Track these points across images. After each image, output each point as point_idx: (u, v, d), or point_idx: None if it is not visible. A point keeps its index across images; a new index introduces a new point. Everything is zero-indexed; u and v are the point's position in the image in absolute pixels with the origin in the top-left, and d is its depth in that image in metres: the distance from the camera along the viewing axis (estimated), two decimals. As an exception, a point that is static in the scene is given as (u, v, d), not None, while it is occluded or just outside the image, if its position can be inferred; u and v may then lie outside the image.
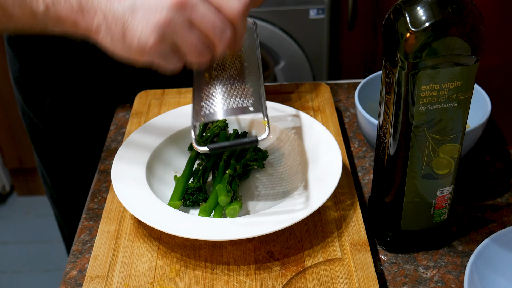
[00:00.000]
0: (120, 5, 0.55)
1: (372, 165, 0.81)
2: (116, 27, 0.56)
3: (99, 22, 0.56)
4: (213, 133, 0.78)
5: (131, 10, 0.55)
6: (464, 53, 0.54)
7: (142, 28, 0.55)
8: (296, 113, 0.80)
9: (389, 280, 0.65)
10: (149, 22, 0.55)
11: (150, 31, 0.55)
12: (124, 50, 0.57)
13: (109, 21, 0.56)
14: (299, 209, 0.64)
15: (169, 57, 0.58)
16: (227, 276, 0.62)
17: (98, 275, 0.63)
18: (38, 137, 1.03)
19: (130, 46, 0.56)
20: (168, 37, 0.56)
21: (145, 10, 0.55)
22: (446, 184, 0.62)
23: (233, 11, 0.57)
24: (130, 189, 0.68)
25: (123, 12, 0.55)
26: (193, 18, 0.56)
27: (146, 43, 0.55)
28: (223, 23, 0.57)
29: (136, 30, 0.55)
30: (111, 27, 0.56)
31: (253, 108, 0.61)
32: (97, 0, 0.56)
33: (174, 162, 0.77)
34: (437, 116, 0.57)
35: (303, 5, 1.77)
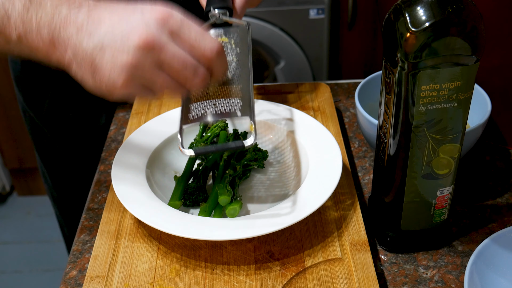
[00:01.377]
0: (89, 43, 0.54)
1: (372, 165, 0.81)
2: (85, 66, 0.55)
3: (70, 59, 0.55)
4: (214, 133, 0.78)
5: (99, 48, 0.54)
6: (464, 53, 0.54)
7: (109, 70, 0.54)
8: (296, 113, 0.80)
9: (389, 280, 0.65)
10: (116, 64, 0.53)
11: (117, 74, 0.53)
12: (94, 88, 0.56)
13: (79, 58, 0.55)
14: (299, 209, 0.64)
15: (141, 94, 0.57)
16: (227, 276, 0.62)
17: (98, 275, 0.63)
18: (38, 136, 1.03)
19: (100, 85, 0.55)
20: (136, 78, 0.54)
21: (112, 51, 0.53)
22: (446, 184, 0.62)
23: (205, 54, 0.55)
24: (130, 189, 0.68)
25: (91, 51, 0.54)
26: (161, 60, 0.54)
27: (114, 85, 0.54)
28: (193, 64, 0.55)
29: (104, 72, 0.54)
30: (81, 64, 0.55)
31: (240, 112, 0.61)
32: (67, 36, 0.54)
33: (174, 162, 0.77)
34: (437, 116, 0.57)
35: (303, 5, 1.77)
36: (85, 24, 0.54)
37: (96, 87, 0.56)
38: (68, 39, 0.54)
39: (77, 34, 0.54)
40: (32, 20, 0.55)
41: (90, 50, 0.54)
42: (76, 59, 0.55)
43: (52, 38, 0.55)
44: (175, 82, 0.56)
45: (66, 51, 0.55)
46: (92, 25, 0.54)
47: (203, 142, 0.77)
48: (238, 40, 0.68)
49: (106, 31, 0.54)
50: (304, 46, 1.85)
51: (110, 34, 0.53)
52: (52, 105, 0.97)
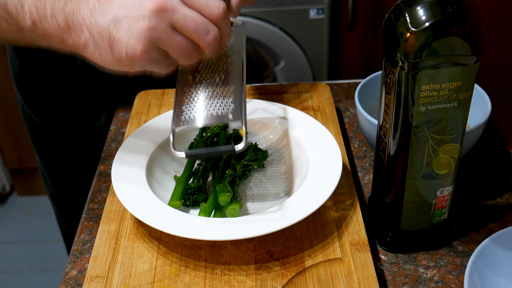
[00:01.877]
0: (104, 19, 0.56)
1: (372, 165, 0.81)
2: (102, 41, 0.56)
3: (86, 39, 0.57)
4: (213, 133, 0.78)
5: (115, 22, 0.56)
6: (464, 53, 0.54)
7: (127, 39, 0.55)
8: (296, 113, 0.80)
9: (389, 280, 0.65)
10: (134, 32, 0.55)
11: (136, 41, 0.55)
12: (114, 63, 0.57)
13: (95, 36, 0.56)
14: (299, 209, 0.64)
15: (160, 63, 0.58)
16: (227, 276, 0.62)
17: (98, 275, 0.63)
18: (38, 136, 1.03)
19: (119, 58, 0.57)
20: (154, 43, 0.56)
21: (128, 21, 0.55)
22: (446, 184, 0.62)
23: (214, 12, 0.58)
24: (130, 189, 0.68)
25: (107, 26, 0.56)
26: (175, 21, 0.56)
27: (134, 52, 0.56)
28: (205, 23, 0.57)
29: (122, 42, 0.56)
30: (98, 42, 0.56)
31: (232, 116, 0.61)
32: (82, 17, 0.56)
33: (174, 162, 0.77)
34: (437, 116, 0.57)
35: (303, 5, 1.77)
36: (97, 5, 0.56)
37: (116, 60, 0.57)
38: (83, 19, 0.56)
39: (91, 14, 0.56)
40: (46, 6, 0.57)
41: (106, 25, 0.56)
42: (93, 37, 0.56)
43: (67, 22, 0.57)
44: (190, 43, 0.58)
45: (82, 32, 0.57)
46: (104, 4, 0.56)
47: (203, 142, 0.77)
48: (233, 40, 0.68)
49: (119, 5, 0.56)
50: (304, 46, 1.85)
51: (123, 7, 0.56)
52: (52, 105, 0.97)
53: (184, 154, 0.60)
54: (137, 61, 0.57)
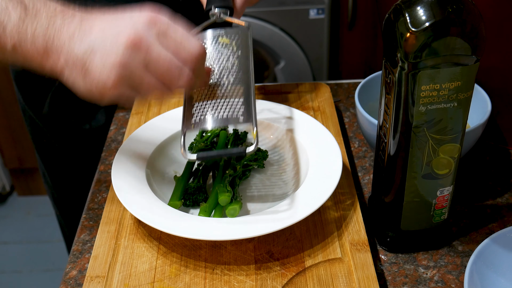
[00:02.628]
0: (80, 48, 0.56)
1: (372, 165, 0.81)
2: (76, 70, 0.56)
3: (62, 66, 0.57)
4: (214, 133, 0.78)
5: (90, 52, 0.56)
6: (464, 53, 0.54)
7: (99, 72, 0.56)
8: (296, 113, 0.80)
9: (389, 280, 0.65)
10: (106, 64, 0.55)
11: (107, 73, 0.55)
12: (86, 92, 0.58)
13: (70, 63, 0.57)
14: (299, 209, 0.64)
15: (130, 98, 0.58)
16: (227, 276, 0.62)
17: (98, 275, 0.63)
18: (38, 136, 1.03)
19: (91, 89, 0.57)
20: (125, 79, 0.56)
21: (102, 52, 0.55)
22: (446, 184, 0.62)
23: (189, 54, 0.57)
24: (130, 189, 0.68)
25: (83, 55, 0.56)
26: (147, 61, 0.56)
27: (105, 84, 0.56)
28: (178, 66, 0.57)
29: (94, 74, 0.56)
30: (72, 69, 0.57)
31: (243, 118, 0.61)
32: (60, 44, 0.56)
33: (174, 162, 0.77)
34: (437, 116, 0.57)
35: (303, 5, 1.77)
36: (77, 32, 0.57)
37: (87, 89, 0.57)
38: (61, 47, 0.56)
39: (69, 42, 0.56)
40: (27, 30, 0.57)
41: (81, 54, 0.56)
42: (68, 65, 0.57)
43: (46, 47, 0.57)
44: (161, 83, 0.57)
45: (59, 59, 0.57)
46: (83, 32, 0.56)
47: (203, 142, 0.77)
48: (239, 42, 0.68)
49: (96, 36, 0.56)
50: (304, 46, 1.85)
51: (100, 38, 0.56)
52: (52, 105, 0.97)
53: (196, 156, 0.60)
54: (108, 92, 0.57)
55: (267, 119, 0.80)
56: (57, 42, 0.57)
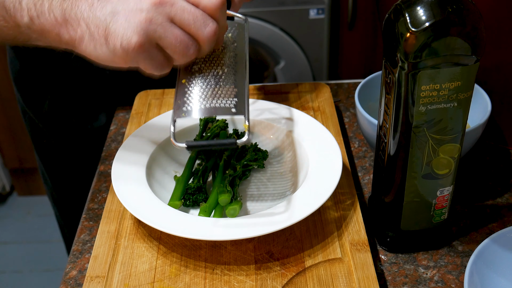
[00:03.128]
0: (102, 12, 0.56)
1: (372, 165, 0.81)
2: (98, 33, 0.56)
3: (82, 32, 0.57)
4: (213, 133, 0.78)
5: (112, 15, 0.56)
6: (464, 53, 0.54)
7: (124, 30, 0.55)
8: (296, 113, 0.80)
9: (389, 280, 0.65)
10: (130, 24, 0.55)
11: (132, 32, 0.55)
12: (108, 55, 0.57)
13: (92, 28, 0.56)
14: (299, 209, 0.64)
15: (154, 59, 0.58)
16: (227, 276, 0.62)
17: (98, 275, 0.63)
18: (38, 137, 1.03)
19: (114, 50, 0.56)
20: (151, 36, 0.56)
21: (126, 13, 0.55)
22: (446, 184, 0.62)
23: (211, 4, 0.58)
24: (130, 189, 0.68)
25: (105, 18, 0.56)
26: (173, 14, 0.56)
27: (129, 44, 0.55)
28: (203, 16, 0.58)
29: (118, 33, 0.56)
30: (93, 34, 0.56)
31: (235, 109, 0.60)
32: (80, 11, 0.57)
33: (174, 162, 0.77)
34: (437, 116, 0.57)
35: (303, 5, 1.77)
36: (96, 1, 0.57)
37: (109, 55, 0.57)
38: (81, 13, 0.57)
39: (89, 9, 0.57)
40: (44, 2, 0.57)
41: (104, 17, 0.56)
42: (89, 30, 0.57)
43: (64, 16, 0.57)
44: (188, 36, 0.57)
45: (79, 25, 0.57)
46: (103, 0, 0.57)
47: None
48: (236, 34, 0.67)
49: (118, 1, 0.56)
50: (304, 46, 1.85)
51: (122, 1, 0.56)
52: (52, 106, 0.97)
53: (185, 145, 0.59)
54: (131, 53, 0.56)
55: (267, 119, 0.80)
56: (76, 10, 0.57)
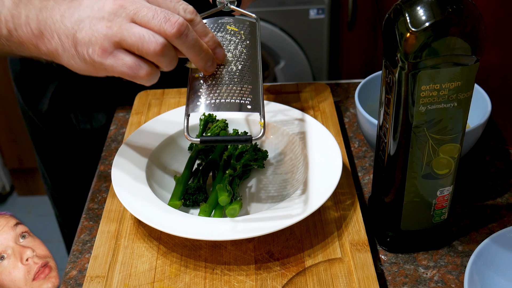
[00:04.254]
0: (70, 21, 0.56)
1: (372, 165, 0.81)
2: (68, 44, 0.56)
3: (56, 44, 0.57)
4: (214, 133, 0.78)
5: (79, 23, 0.56)
6: (464, 53, 0.54)
7: (89, 38, 0.55)
8: (296, 113, 0.80)
9: (389, 280, 0.65)
10: (94, 31, 0.55)
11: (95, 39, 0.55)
12: (81, 65, 0.57)
13: (63, 39, 0.57)
14: (299, 209, 0.64)
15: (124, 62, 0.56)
16: (227, 276, 0.62)
17: (98, 275, 0.63)
18: (38, 136, 1.03)
19: (84, 60, 0.56)
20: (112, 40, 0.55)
21: (90, 20, 0.55)
22: (446, 184, 0.62)
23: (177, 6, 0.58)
24: (130, 189, 0.68)
25: (72, 27, 0.56)
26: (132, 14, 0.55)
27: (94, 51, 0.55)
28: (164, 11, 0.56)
29: (84, 42, 0.56)
30: (65, 45, 0.57)
31: (251, 106, 0.59)
32: (53, 23, 0.57)
33: (174, 162, 0.77)
34: (437, 116, 0.57)
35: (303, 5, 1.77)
36: (67, 9, 0.57)
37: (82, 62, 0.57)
38: (53, 25, 0.57)
39: (61, 19, 0.57)
40: (22, 14, 0.57)
41: (71, 26, 0.56)
42: (61, 41, 0.57)
43: (40, 29, 0.57)
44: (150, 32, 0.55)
45: (53, 37, 0.57)
46: (73, 8, 0.57)
47: None
48: (248, 32, 0.67)
49: (84, 8, 0.56)
50: (304, 46, 1.85)
51: (89, 8, 0.56)
52: (52, 106, 0.97)
53: (199, 140, 0.58)
54: (97, 60, 0.56)
55: (267, 119, 0.80)
56: (50, 22, 0.57)
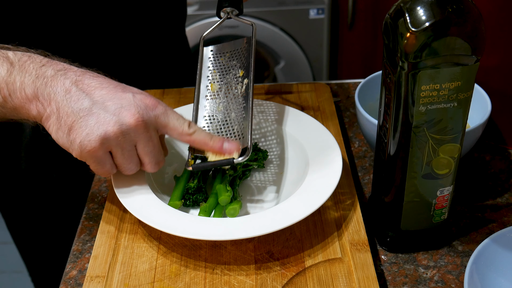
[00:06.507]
0: (77, 104, 0.58)
1: (372, 165, 0.81)
2: (65, 121, 0.59)
3: (51, 112, 0.59)
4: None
5: (87, 112, 0.58)
6: (464, 53, 0.54)
7: (89, 131, 0.58)
8: (296, 113, 0.80)
9: (389, 280, 0.65)
10: (99, 129, 0.58)
11: (95, 137, 0.58)
12: (64, 143, 0.60)
13: (61, 114, 0.59)
14: (299, 209, 0.64)
15: (104, 164, 0.62)
16: (227, 276, 0.62)
17: (98, 275, 0.63)
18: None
19: (72, 143, 0.59)
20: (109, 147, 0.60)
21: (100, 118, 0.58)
22: (446, 184, 0.62)
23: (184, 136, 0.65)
24: (130, 189, 0.68)
25: (78, 112, 0.58)
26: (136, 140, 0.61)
27: (87, 146, 0.59)
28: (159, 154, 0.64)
29: (82, 132, 0.58)
30: (60, 120, 0.59)
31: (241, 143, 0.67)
32: (54, 92, 0.59)
33: (174, 162, 0.77)
34: (437, 116, 0.57)
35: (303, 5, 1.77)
36: (74, 90, 0.59)
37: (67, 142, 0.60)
38: (54, 94, 0.59)
39: (65, 94, 0.59)
40: (16, 81, 0.59)
41: (77, 110, 0.58)
42: (59, 113, 0.59)
43: (36, 93, 0.59)
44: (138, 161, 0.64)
45: (49, 104, 0.59)
46: (81, 91, 0.59)
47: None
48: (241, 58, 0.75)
49: (97, 100, 0.59)
50: (304, 46, 1.85)
51: (101, 103, 0.59)
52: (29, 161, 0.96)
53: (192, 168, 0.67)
54: (85, 153, 0.59)
55: (267, 119, 0.80)
56: (50, 90, 0.59)
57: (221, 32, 1.76)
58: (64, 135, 0.59)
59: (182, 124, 0.63)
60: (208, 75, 0.75)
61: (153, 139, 0.62)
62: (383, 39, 0.58)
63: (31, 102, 0.59)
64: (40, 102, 0.59)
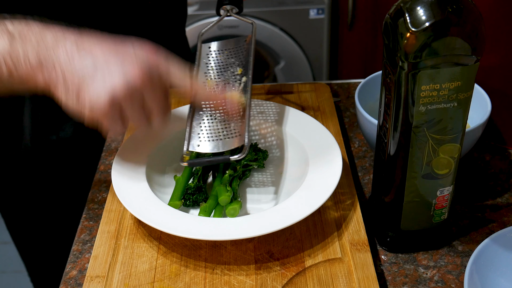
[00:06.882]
0: (81, 62, 0.58)
1: (372, 165, 0.81)
2: (72, 83, 0.58)
3: (57, 77, 0.58)
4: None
5: (92, 69, 0.58)
6: (464, 53, 0.54)
7: (98, 89, 0.57)
8: (296, 113, 0.80)
9: (389, 280, 0.65)
10: (106, 85, 0.57)
11: (105, 93, 0.57)
12: (75, 107, 0.59)
13: (66, 76, 0.58)
14: (299, 209, 0.64)
15: (115, 119, 0.60)
16: (227, 276, 0.62)
17: (98, 275, 0.63)
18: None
19: (82, 103, 0.58)
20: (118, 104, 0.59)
21: (105, 73, 0.58)
22: (446, 184, 0.62)
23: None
24: (130, 189, 0.68)
25: (83, 70, 0.58)
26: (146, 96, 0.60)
27: (98, 103, 0.58)
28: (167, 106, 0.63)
29: (91, 89, 0.58)
30: (67, 82, 0.58)
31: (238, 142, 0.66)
32: (56, 56, 0.58)
33: (174, 162, 0.77)
34: (437, 116, 0.57)
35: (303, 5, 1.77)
36: (76, 50, 0.59)
37: (76, 106, 0.59)
38: (57, 58, 0.58)
39: (67, 55, 0.58)
40: (19, 50, 0.59)
41: (81, 69, 0.58)
42: (64, 76, 0.58)
43: (40, 59, 0.58)
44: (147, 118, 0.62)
45: (54, 69, 0.58)
46: (83, 52, 0.59)
47: None
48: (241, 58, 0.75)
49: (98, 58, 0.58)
50: (304, 46, 1.85)
51: (103, 60, 0.58)
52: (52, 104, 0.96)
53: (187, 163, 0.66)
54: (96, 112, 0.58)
55: (267, 119, 0.80)
56: (52, 54, 0.58)
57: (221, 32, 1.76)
58: (74, 97, 0.58)
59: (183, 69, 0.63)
60: (206, 72, 0.75)
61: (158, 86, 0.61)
62: (383, 39, 0.58)
63: (37, 71, 0.58)
64: (46, 68, 0.58)
